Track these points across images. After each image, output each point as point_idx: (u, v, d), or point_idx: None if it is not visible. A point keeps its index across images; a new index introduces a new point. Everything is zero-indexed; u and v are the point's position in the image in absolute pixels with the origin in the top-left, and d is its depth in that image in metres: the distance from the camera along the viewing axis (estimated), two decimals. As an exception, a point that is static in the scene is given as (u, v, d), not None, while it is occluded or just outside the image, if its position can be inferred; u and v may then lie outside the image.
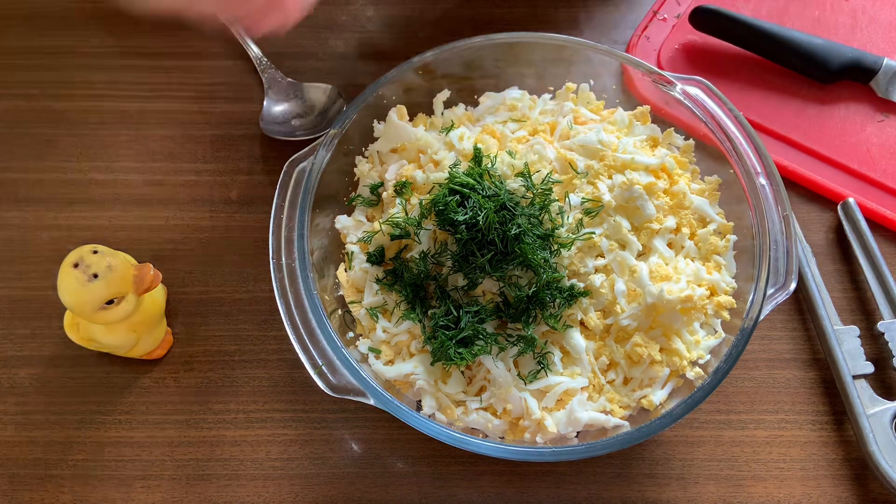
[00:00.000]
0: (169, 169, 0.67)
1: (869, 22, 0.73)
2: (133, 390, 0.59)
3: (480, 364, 0.52)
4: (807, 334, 0.61)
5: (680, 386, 0.53)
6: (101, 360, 0.59)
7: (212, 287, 0.62)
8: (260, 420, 0.58)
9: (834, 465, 0.56)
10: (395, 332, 0.54)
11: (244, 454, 0.57)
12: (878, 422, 0.55)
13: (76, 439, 0.57)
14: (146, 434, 0.57)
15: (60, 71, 0.71)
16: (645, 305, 0.51)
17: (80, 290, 0.49)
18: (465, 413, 0.52)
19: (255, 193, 0.66)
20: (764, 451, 0.57)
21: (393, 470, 0.56)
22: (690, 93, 0.58)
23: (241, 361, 0.60)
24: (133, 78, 0.71)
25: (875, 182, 0.66)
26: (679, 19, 0.74)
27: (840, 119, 0.69)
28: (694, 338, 0.53)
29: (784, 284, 0.52)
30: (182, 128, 0.69)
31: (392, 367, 0.53)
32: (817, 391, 0.59)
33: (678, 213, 0.56)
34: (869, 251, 0.61)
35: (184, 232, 0.64)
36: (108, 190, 0.66)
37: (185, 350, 0.60)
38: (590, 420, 0.51)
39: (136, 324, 0.54)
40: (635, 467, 0.56)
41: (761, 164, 0.55)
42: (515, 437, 0.52)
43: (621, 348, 0.52)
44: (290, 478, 0.56)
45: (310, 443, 0.57)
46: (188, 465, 0.56)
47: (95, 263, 0.50)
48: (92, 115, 0.69)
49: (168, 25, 0.73)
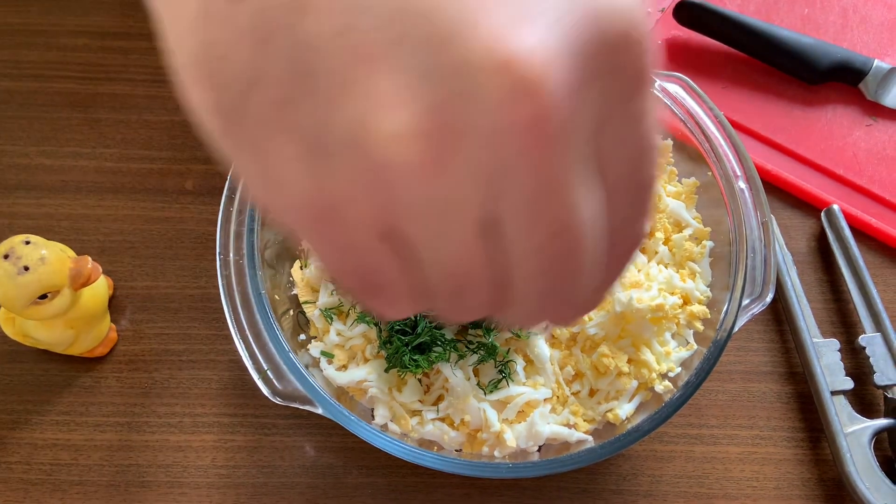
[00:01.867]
0: (121, 155, 0.64)
1: (860, 22, 0.71)
2: (72, 390, 0.55)
3: (438, 372, 0.49)
4: (784, 346, 0.58)
5: (648, 399, 0.50)
6: (40, 356, 0.56)
7: (161, 282, 0.59)
8: (206, 425, 0.55)
9: (809, 485, 0.54)
10: (349, 335, 0.51)
11: (188, 460, 0.53)
12: (856, 441, 0.52)
13: (9, 440, 0.54)
14: (84, 437, 0.54)
15: (6, 49, 0.68)
16: (613, 314, 0.49)
17: (10, 284, 0.46)
18: (420, 423, 0.49)
19: (211, 184, 0.63)
20: (736, 468, 0.54)
21: (346, 480, 0.53)
22: (669, 90, 0.55)
23: (189, 362, 0.56)
24: (86, 58, 0.67)
25: (861, 189, 0.63)
26: (663, 13, 0.71)
27: (827, 122, 0.66)
28: (664, 349, 0.50)
29: (761, 295, 0.49)
30: (137, 112, 0.65)
31: (345, 373, 0.50)
32: (794, 406, 0.56)
33: (652, 217, 0.53)
34: (852, 261, 0.59)
35: (134, 222, 0.61)
36: (56, 176, 0.62)
37: (130, 348, 0.57)
38: (552, 434, 0.48)
39: (73, 320, 0.51)
40: (601, 483, 0.54)
41: (741, 166, 0.52)
42: (473, 451, 0.49)
43: (588, 358, 0.50)
44: (237, 486, 0.53)
45: (258, 450, 0.54)
46: (128, 470, 0.53)
47: (27, 255, 0.46)
48: (40, 97, 0.65)
49: (122, 4, 0.70)
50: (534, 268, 0.22)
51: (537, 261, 0.22)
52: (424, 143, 0.19)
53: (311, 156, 0.20)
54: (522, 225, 0.21)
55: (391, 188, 0.20)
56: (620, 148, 0.21)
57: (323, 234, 0.22)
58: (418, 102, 0.19)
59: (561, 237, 0.21)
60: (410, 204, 0.20)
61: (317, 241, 0.23)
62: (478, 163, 0.19)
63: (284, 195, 0.21)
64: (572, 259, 0.22)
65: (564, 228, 0.21)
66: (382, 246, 0.22)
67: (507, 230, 0.21)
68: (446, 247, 0.22)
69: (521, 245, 0.21)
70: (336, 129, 0.20)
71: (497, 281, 0.23)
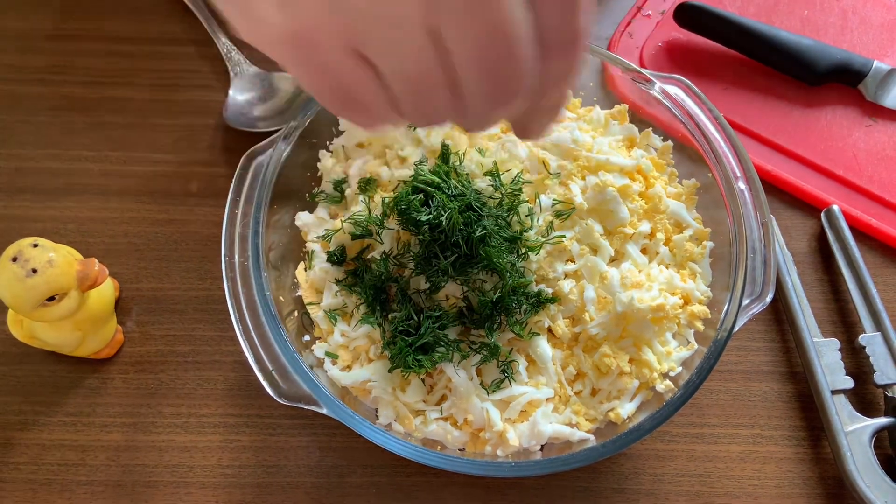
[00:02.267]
0: (126, 159, 0.64)
1: (859, 23, 0.71)
2: (79, 391, 0.56)
3: (441, 372, 0.50)
4: (785, 346, 0.59)
5: (649, 399, 0.50)
6: (47, 358, 0.57)
7: (166, 284, 0.60)
8: (212, 425, 0.55)
9: (810, 484, 0.54)
10: (353, 336, 0.51)
11: (194, 460, 0.54)
12: (856, 440, 0.53)
13: (17, 441, 0.54)
14: (91, 437, 0.54)
15: (13, 54, 0.68)
16: (615, 314, 0.49)
17: (19, 286, 0.46)
18: (423, 423, 0.49)
19: (216, 187, 0.63)
20: (738, 466, 0.55)
21: (350, 480, 0.54)
22: (670, 92, 0.55)
23: (195, 363, 0.57)
24: (91, 63, 0.68)
25: (861, 189, 0.64)
26: (664, 16, 0.72)
27: (826, 123, 0.67)
28: (665, 349, 0.50)
29: (761, 295, 0.49)
30: (142, 116, 0.66)
31: (349, 374, 0.50)
32: (794, 406, 0.57)
33: (653, 218, 0.53)
34: (852, 261, 0.59)
35: (139, 225, 0.62)
36: (62, 179, 0.63)
37: (137, 349, 0.57)
38: (554, 433, 0.48)
39: (81, 321, 0.52)
40: (603, 481, 0.54)
41: (741, 167, 0.53)
42: (476, 450, 0.49)
43: (589, 358, 0.50)
44: (242, 486, 0.53)
45: (264, 450, 0.54)
46: (135, 470, 0.53)
47: (35, 258, 0.47)
48: (46, 101, 0.66)
49: (130, 9, 0.71)
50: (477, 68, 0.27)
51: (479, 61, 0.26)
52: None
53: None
54: (462, 29, 0.25)
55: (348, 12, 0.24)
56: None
57: (301, 59, 0.27)
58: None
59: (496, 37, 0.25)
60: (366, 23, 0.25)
61: (297, 67, 0.28)
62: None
63: (265, 31, 0.26)
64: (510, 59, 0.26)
65: (497, 28, 0.25)
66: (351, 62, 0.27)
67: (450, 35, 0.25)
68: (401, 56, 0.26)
69: (462, 47, 0.26)
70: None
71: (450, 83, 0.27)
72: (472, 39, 0.26)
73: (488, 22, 0.25)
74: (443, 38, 0.26)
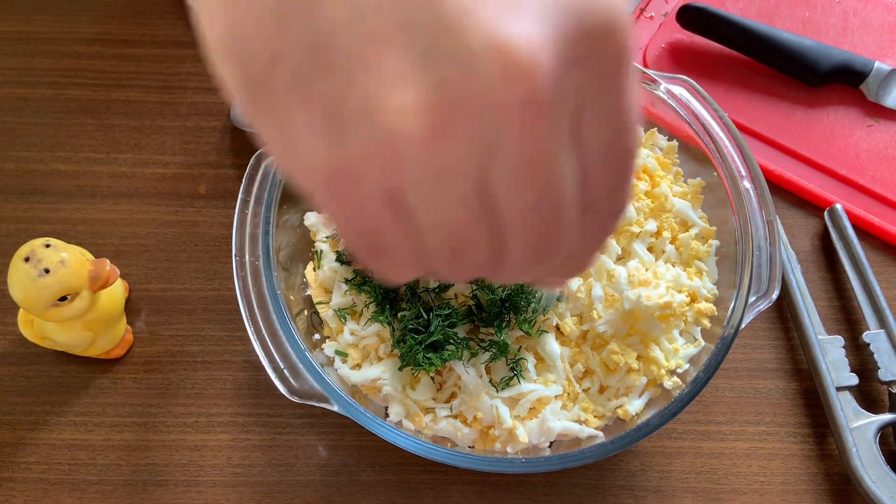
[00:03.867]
0: (135, 160, 0.64)
1: (860, 24, 0.72)
2: (89, 391, 0.56)
3: (451, 370, 0.50)
4: (790, 343, 0.59)
5: (657, 396, 0.51)
6: (57, 358, 0.57)
7: (176, 284, 0.60)
8: (222, 424, 0.55)
9: (816, 480, 0.55)
10: (363, 334, 0.51)
11: (204, 459, 0.54)
12: (861, 436, 0.53)
13: (28, 441, 0.54)
14: (102, 437, 0.55)
15: (21, 57, 0.69)
16: (622, 311, 0.49)
17: (31, 286, 0.47)
18: (433, 421, 0.50)
19: (224, 188, 0.64)
20: (744, 463, 0.55)
21: (359, 478, 0.54)
22: (674, 92, 0.56)
23: (204, 363, 0.57)
24: (99, 66, 0.68)
25: (863, 188, 0.64)
26: (666, 17, 0.72)
27: (829, 123, 0.67)
28: (672, 346, 0.51)
29: (767, 292, 0.50)
30: (150, 118, 0.66)
31: (359, 372, 0.51)
32: (800, 403, 0.57)
33: (659, 217, 0.54)
34: (855, 259, 0.60)
35: (148, 226, 0.62)
36: (71, 181, 0.63)
37: (146, 350, 0.58)
38: (563, 430, 0.49)
39: (91, 322, 0.52)
40: (611, 479, 0.54)
41: (746, 167, 0.53)
42: (486, 447, 0.50)
43: (597, 356, 0.50)
44: (252, 485, 0.54)
45: (273, 448, 0.55)
46: (145, 469, 0.54)
47: (47, 258, 0.47)
48: (54, 104, 0.66)
49: (137, 12, 0.71)
50: (523, 229, 0.25)
51: (526, 222, 0.25)
52: (428, 117, 0.21)
53: (327, 126, 0.23)
54: (513, 189, 0.24)
55: (397, 156, 0.23)
56: (601, 123, 0.24)
57: (335, 196, 0.25)
58: (423, 80, 0.21)
59: (546, 200, 0.24)
60: (414, 170, 0.23)
61: (329, 203, 0.26)
62: (475, 134, 0.22)
63: (302, 160, 0.24)
64: (556, 221, 0.25)
65: (549, 192, 0.24)
66: (388, 209, 0.25)
67: (499, 194, 0.24)
68: (445, 209, 0.24)
69: (511, 207, 0.24)
70: (349, 102, 0.22)
71: (491, 242, 0.26)
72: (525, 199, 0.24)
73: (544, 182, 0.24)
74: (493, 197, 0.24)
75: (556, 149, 0.23)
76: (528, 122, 0.22)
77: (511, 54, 0.20)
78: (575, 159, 0.24)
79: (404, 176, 0.23)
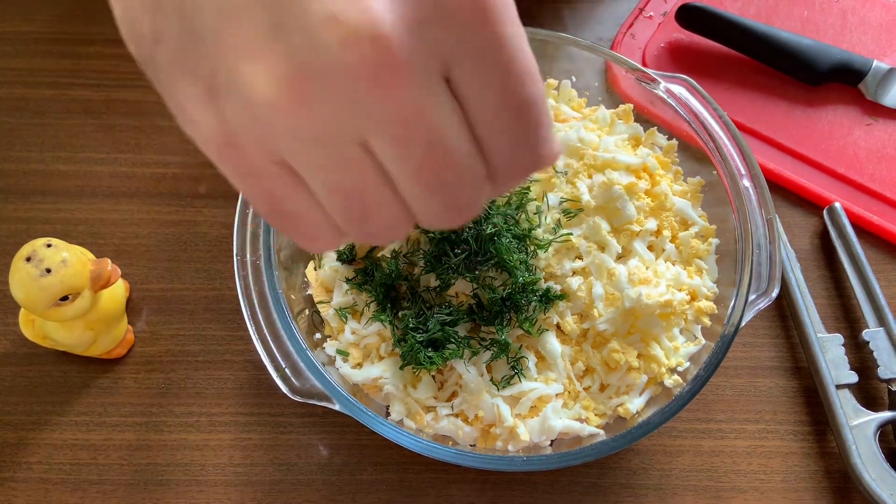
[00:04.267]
0: (136, 161, 0.65)
1: (858, 23, 0.72)
2: (91, 391, 0.56)
3: (452, 369, 0.50)
4: (789, 342, 0.59)
5: (658, 394, 0.51)
6: (58, 358, 0.57)
7: (176, 284, 0.60)
8: (223, 424, 0.55)
9: (816, 477, 0.55)
10: (364, 333, 0.52)
11: (206, 459, 0.54)
12: (861, 433, 0.53)
13: (29, 441, 0.54)
14: (103, 437, 0.55)
15: (21, 57, 0.69)
16: (623, 310, 0.50)
17: (32, 286, 0.47)
18: (435, 419, 0.50)
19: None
20: (744, 461, 0.55)
21: (361, 477, 0.54)
22: (674, 91, 0.56)
23: (206, 362, 0.57)
24: (99, 66, 0.68)
25: (862, 187, 0.64)
26: (665, 17, 0.72)
27: (827, 122, 0.67)
28: (673, 344, 0.51)
29: (767, 290, 0.50)
30: (150, 118, 0.66)
31: (360, 371, 0.51)
32: (799, 400, 0.57)
33: (659, 215, 0.54)
34: (855, 257, 0.60)
35: (149, 226, 0.62)
36: (72, 181, 0.63)
37: (147, 349, 0.58)
38: (564, 428, 0.49)
39: (93, 321, 0.52)
40: (611, 477, 0.54)
41: (745, 165, 0.53)
42: (487, 445, 0.50)
43: (598, 354, 0.51)
44: (254, 484, 0.54)
45: (275, 448, 0.55)
46: (147, 469, 0.54)
47: (49, 257, 0.47)
48: (55, 104, 0.66)
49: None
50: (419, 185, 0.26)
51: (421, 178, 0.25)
52: (285, 84, 0.23)
53: (208, 96, 0.25)
54: (394, 147, 0.24)
55: (269, 123, 0.24)
56: (482, 78, 0.24)
57: (228, 160, 0.26)
58: (275, 51, 0.23)
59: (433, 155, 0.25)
60: (288, 135, 0.24)
61: (225, 167, 0.27)
62: (338, 98, 0.23)
63: (196, 129, 0.26)
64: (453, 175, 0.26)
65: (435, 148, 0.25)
66: (279, 171, 0.26)
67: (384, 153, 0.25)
68: (333, 172, 0.25)
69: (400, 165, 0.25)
70: (220, 75, 0.24)
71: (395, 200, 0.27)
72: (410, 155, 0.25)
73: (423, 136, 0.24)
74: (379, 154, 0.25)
75: (426, 105, 0.24)
76: (384, 82, 0.22)
77: (345, 22, 0.22)
78: (458, 115, 0.25)
79: (281, 141, 0.25)
